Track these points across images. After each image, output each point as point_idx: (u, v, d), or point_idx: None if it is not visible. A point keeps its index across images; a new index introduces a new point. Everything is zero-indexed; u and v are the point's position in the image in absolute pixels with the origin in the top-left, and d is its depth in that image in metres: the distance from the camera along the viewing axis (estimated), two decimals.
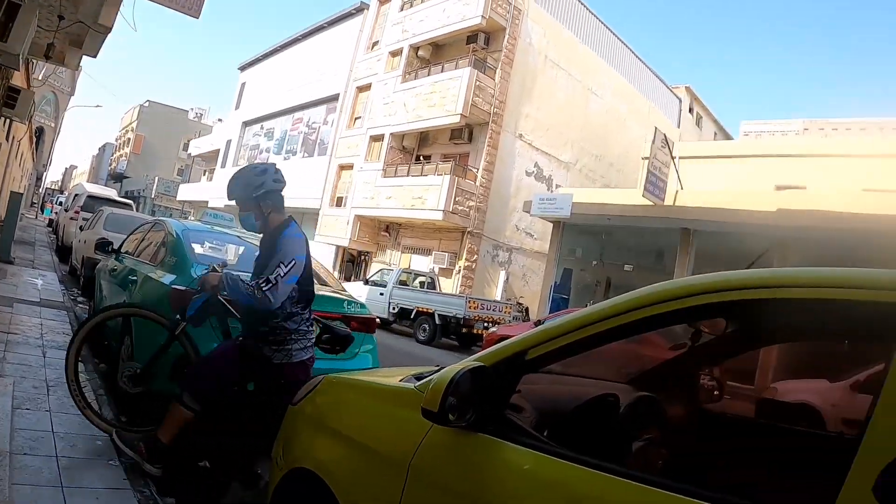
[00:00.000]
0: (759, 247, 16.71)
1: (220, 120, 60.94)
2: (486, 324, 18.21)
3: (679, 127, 38.17)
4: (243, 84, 47.02)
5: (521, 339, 2.13)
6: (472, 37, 26.52)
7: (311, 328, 4.03)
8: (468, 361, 2.10)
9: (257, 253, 4.16)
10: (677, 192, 17.93)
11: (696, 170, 20.77)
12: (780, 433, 2.38)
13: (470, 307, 18.02)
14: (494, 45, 26.47)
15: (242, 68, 47.93)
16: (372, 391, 2.75)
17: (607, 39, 32.79)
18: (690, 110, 41.91)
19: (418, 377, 2.55)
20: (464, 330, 18.03)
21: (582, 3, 31.15)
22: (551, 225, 21.86)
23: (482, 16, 25.14)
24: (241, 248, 6.72)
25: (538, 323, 14.47)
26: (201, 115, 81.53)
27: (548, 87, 28.08)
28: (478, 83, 24.77)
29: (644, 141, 23.35)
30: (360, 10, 33.77)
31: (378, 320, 7.10)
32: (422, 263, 26.26)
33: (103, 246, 8.24)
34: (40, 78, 25.04)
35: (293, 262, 3.68)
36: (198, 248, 6.14)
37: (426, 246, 26.83)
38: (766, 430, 2.44)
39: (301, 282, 3.80)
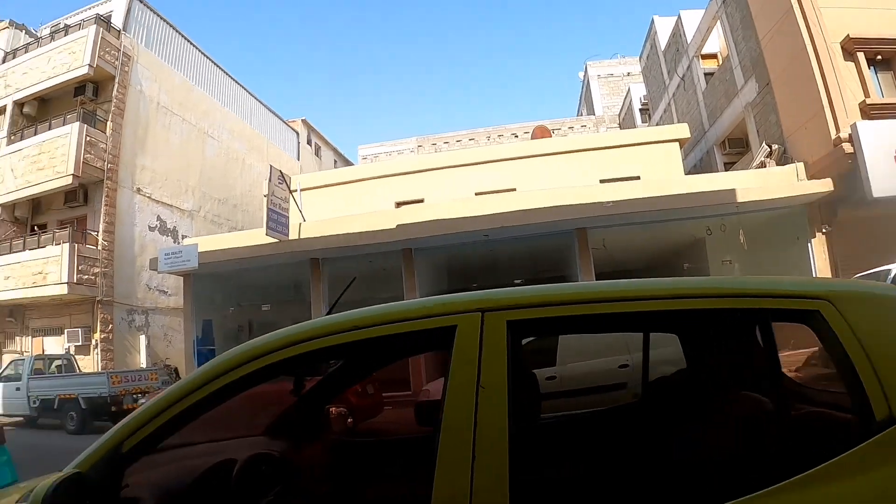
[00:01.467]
0: (386, 263, 17.68)
1: None
2: (135, 396, 17.04)
3: (299, 159, 39.84)
4: None
5: (113, 432, 1.99)
6: (80, 88, 24.94)
7: None
8: (67, 469, 1.90)
9: None
10: (301, 224, 18.26)
11: (320, 199, 21.41)
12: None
13: (113, 382, 16.77)
14: (104, 96, 25.16)
15: None
16: None
17: (220, 80, 33.22)
18: (309, 142, 43.73)
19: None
20: (113, 409, 16.53)
21: (193, 45, 31.00)
22: (182, 279, 21.15)
23: (89, 64, 23.86)
24: None
25: None
26: None
27: (162, 135, 27.36)
28: (88, 139, 23.28)
29: (265, 179, 23.62)
30: None
31: (20, 419, 6.16)
32: (56, 345, 23.77)
33: None
34: None
35: None
36: None
37: (57, 325, 24.28)
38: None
39: None
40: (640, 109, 33.28)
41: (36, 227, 25.39)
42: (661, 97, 28.58)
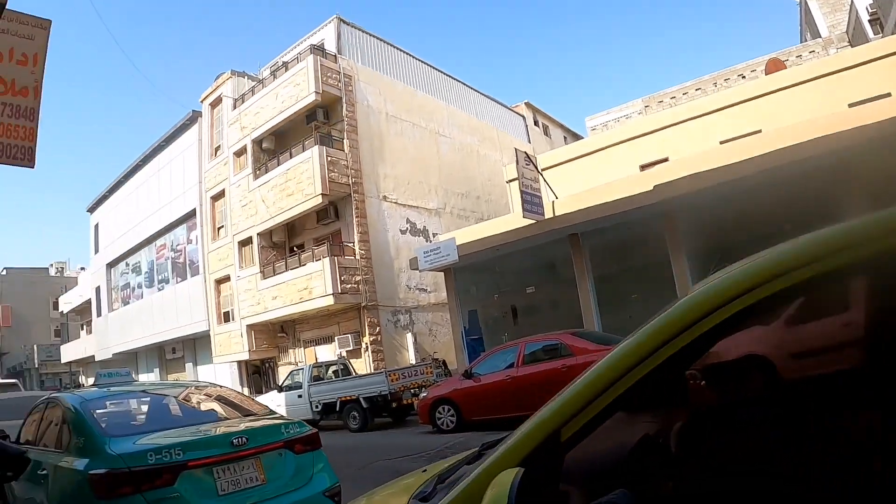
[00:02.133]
0: (648, 230, 17.33)
1: (82, 268, 58.70)
2: (413, 391, 17.83)
3: (530, 142, 39.60)
4: (96, 225, 45.11)
5: (540, 423, 1.75)
6: (310, 115, 26.60)
7: None
8: (490, 467, 1.73)
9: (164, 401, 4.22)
10: (553, 202, 18.27)
11: (561, 176, 21.33)
12: None
13: (392, 380, 17.56)
14: (335, 117, 26.73)
15: (91, 209, 46.00)
16: None
17: (439, 80, 33.95)
18: (535, 123, 43.32)
19: (424, 498, 2.08)
20: (394, 405, 17.52)
21: (405, 52, 32.06)
22: (442, 274, 21.89)
23: (315, 91, 25.33)
24: (146, 404, 6.28)
25: (468, 372, 14.37)
26: (62, 268, 77.87)
27: (397, 143, 28.59)
28: (329, 158, 24.82)
29: (503, 165, 23.75)
30: (193, 119, 33.37)
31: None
32: (328, 353, 25.71)
33: None
34: None
35: None
36: (104, 417, 5.54)
37: (327, 334, 26.33)
38: None
39: None
40: (869, 21, 30.53)
41: (294, 248, 27.63)
42: (891, 2, 25.96)
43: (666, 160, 19.00)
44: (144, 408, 6.25)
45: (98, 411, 5.57)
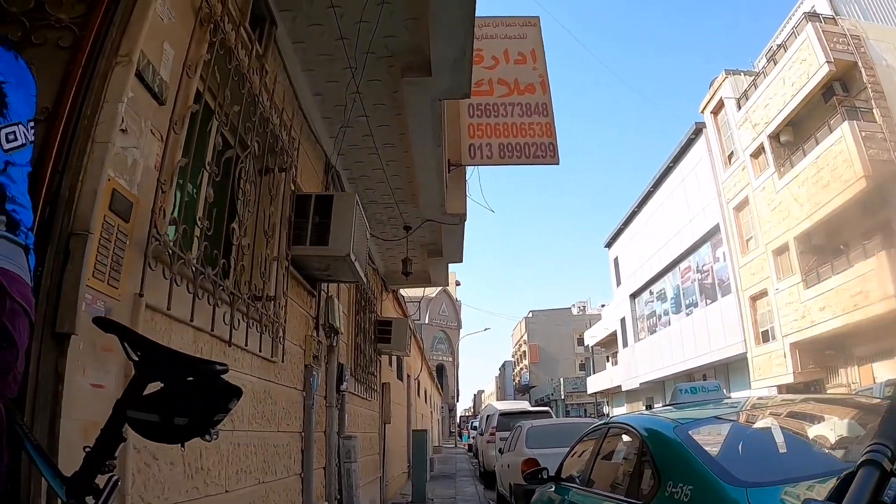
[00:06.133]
0: None
1: (603, 305, 62.46)
2: None
3: None
4: (615, 259, 47.63)
5: None
6: (826, 92, 24.00)
7: None
8: None
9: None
10: None
11: None
12: None
13: None
14: (854, 87, 23.63)
15: (608, 245, 49.03)
16: None
17: None
18: None
19: None
20: None
21: None
22: None
23: (827, 61, 22.84)
24: (769, 432, 3.86)
25: None
26: (583, 307, 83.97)
27: None
28: (863, 133, 21.74)
29: None
30: (697, 132, 33.03)
31: None
32: (888, 370, 21.43)
33: (534, 476, 6.21)
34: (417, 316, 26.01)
35: None
36: (721, 452, 3.55)
37: (887, 346, 22.07)
38: None
39: None
40: None
41: (841, 247, 24.37)
42: None
43: None
44: (772, 437, 3.84)
45: (705, 444, 3.58)
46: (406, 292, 20.57)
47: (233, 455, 4.31)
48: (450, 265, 13.64)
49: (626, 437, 4.51)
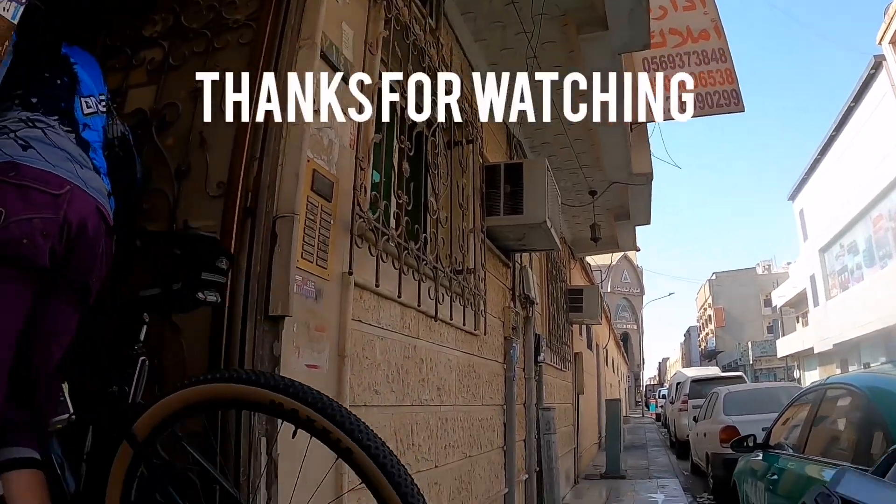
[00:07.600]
0: None
1: (789, 263, 59.46)
2: None
3: None
4: (800, 211, 44.67)
5: None
6: None
7: None
8: None
9: None
10: None
11: None
12: None
13: None
14: None
15: (791, 197, 45.99)
16: None
17: None
18: None
19: None
20: None
21: None
22: None
23: None
24: None
25: None
26: (768, 266, 79.99)
27: None
28: None
29: None
30: (877, 66, 29.92)
31: None
32: None
33: (739, 443, 6.20)
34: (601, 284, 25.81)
35: None
36: None
37: None
38: None
39: None
40: None
41: None
42: None
43: None
44: None
45: None
46: (588, 260, 20.45)
47: (440, 430, 4.39)
48: (637, 228, 13.24)
49: (847, 399, 4.17)
